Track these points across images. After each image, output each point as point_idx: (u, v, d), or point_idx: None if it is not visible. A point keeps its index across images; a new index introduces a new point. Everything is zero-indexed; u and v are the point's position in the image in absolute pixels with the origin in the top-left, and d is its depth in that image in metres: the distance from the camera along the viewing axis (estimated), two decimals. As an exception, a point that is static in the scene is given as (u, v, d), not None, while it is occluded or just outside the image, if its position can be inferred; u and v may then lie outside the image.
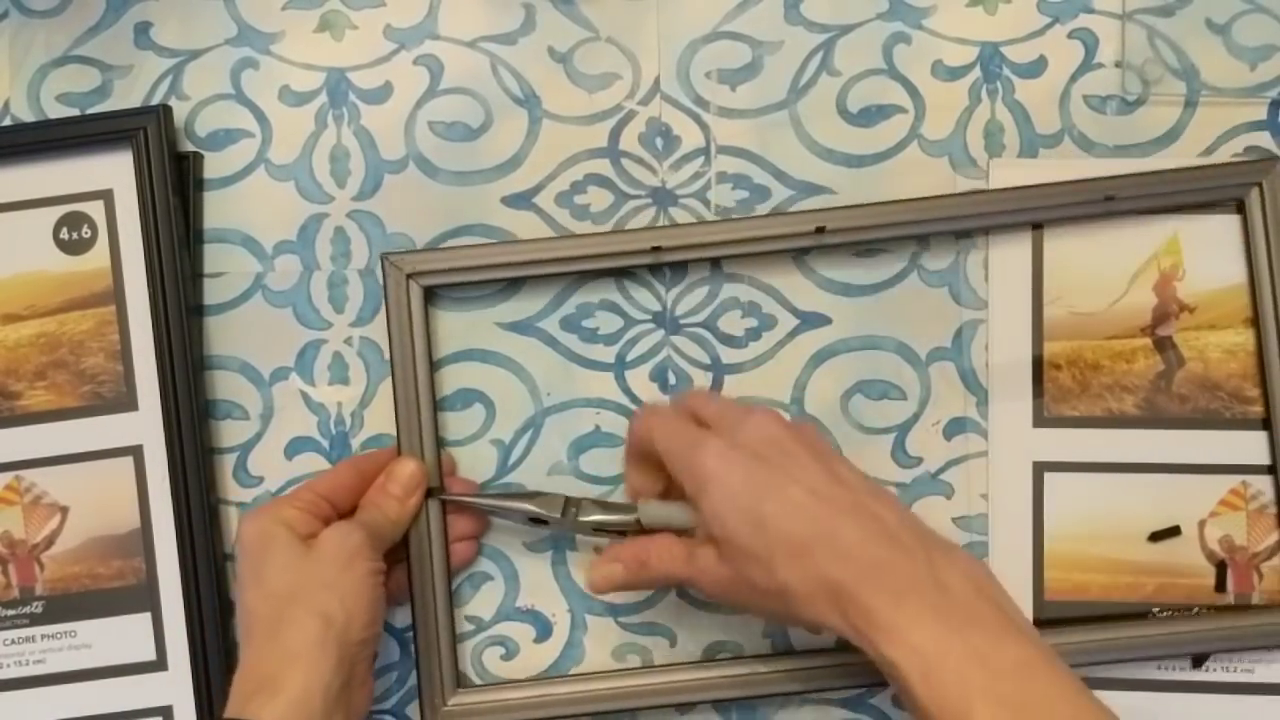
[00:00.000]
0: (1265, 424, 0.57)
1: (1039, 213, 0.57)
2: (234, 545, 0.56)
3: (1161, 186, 0.57)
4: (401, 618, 0.59)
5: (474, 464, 0.59)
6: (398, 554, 0.56)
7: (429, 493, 0.56)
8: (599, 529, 0.55)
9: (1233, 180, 0.56)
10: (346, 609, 0.51)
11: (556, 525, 0.56)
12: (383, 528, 0.54)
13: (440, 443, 0.58)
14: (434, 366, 0.58)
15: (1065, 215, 0.57)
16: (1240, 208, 0.57)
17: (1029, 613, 0.57)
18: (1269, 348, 0.56)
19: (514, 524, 0.58)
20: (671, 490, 0.54)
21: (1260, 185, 0.56)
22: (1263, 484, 0.57)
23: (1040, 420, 0.58)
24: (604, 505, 0.56)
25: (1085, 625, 0.56)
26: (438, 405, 0.59)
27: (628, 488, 0.57)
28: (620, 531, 0.55)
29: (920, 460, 0.59)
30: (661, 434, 0.52)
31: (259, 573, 0.52)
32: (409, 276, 0.57)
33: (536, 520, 0.56)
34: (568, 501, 0.55)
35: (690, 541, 0.51)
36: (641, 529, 0.54)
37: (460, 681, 0.58)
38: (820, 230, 0.56)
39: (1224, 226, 0.57)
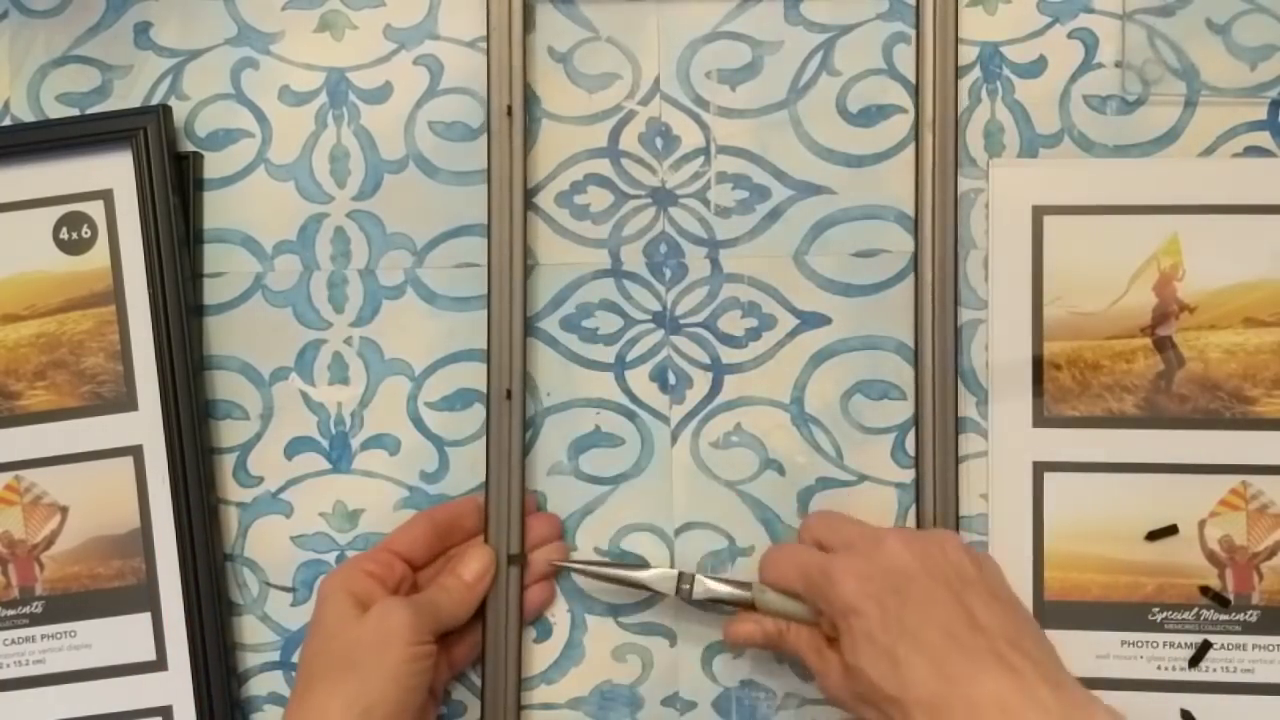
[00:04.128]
0: None
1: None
2: None
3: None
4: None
5: (474, 464, 0.59)
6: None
7: (511, 559, 0.56)
8: (715, 601, 0.56)
9: None
10: (369, 692, 0.49)
11: (673, 599, 0.57)
12: (444, 609, 0.54)
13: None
14: (433, 366, 0.59)
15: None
16: None
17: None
18: None
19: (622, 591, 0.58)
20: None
21: None
22: (1263, 484, 0.57)
23: (1040, 420, 0.58)
24: (718, 580, 0.56)
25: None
26: (437, 405, 0.59)
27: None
28: (732, 604, 0.56)
29: (920, 460, 0.59)
30: (795, 573, 0.53)
31: (311, 635, 0.53)
32: None
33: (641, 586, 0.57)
34: (681, 577, 0.56)
35: (821, 636, 0.53)
36: (754, 609, 0.55)
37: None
38: None
39: (1224, 226, 0.57)
